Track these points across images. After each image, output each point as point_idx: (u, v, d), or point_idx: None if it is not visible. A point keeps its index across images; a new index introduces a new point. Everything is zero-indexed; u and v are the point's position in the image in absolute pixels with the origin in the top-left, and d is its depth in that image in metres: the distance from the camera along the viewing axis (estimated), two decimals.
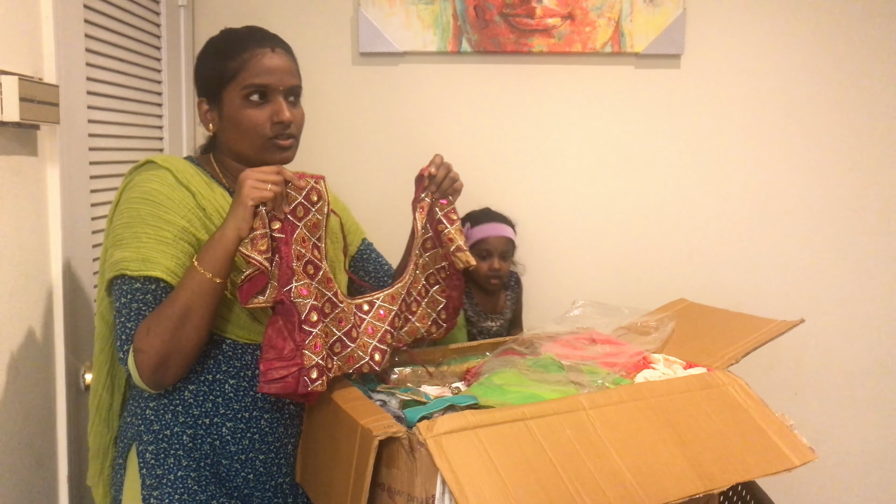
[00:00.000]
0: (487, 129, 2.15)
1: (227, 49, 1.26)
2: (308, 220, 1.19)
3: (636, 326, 1.50)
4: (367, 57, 2.11)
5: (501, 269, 1.96)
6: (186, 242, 1.18)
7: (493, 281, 1.97)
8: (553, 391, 1.20)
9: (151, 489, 1.20)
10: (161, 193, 1.18)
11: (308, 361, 1.14)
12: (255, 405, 1.24)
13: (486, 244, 1.96)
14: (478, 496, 0.92)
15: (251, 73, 1.23)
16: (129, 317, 1.14)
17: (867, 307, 2.21)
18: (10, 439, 1.25)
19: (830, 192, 2.18)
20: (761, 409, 1.21)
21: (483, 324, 1.99)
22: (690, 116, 2.16)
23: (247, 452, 1.23)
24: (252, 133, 1.24)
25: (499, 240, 1.96)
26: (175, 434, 1.21)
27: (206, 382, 1.21)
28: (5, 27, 1.22)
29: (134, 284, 1.14)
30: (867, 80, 2.14)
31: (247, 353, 1.24)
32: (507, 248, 1.99)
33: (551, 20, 2.08)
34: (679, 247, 2.20)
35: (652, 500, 1.00)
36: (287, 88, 1.25)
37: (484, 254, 1.96)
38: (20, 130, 1.26)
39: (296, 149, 1.30)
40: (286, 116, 1.24)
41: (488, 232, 1.97)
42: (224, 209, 1.23)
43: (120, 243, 1.16)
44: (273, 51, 1.25)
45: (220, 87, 1.25)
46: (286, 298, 1.15)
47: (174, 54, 1.97)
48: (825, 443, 2.21)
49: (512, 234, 2.02)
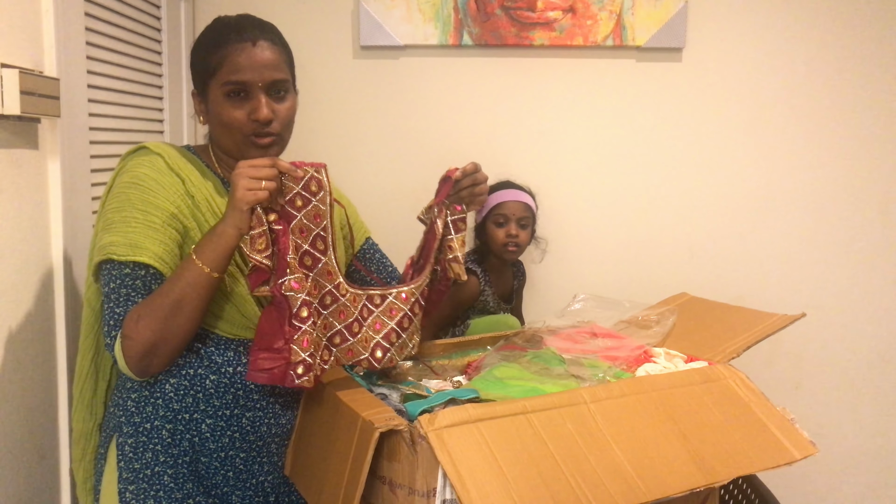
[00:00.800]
0: (489, 122, 2.14)
1: (211, 42, 1.23)
2: (308, 211, 1.17)
3: (637, 320, 1.50)
4: (368, 50, 2.10)
5: (520, 237, 1.86)
6: (174, 229, 1.17)
7: (511, 248, 1.86)
8: (554, 385, 1.20)
9: (128, 483, 1.18)
10: (151, 178, 1.17)
11: (295, 357, 1.14)
12: (236, 403, 1.22)
13: (502, 209, 1.86)
14: (479, 489, 0.92)
15: (229, 69, 1.20)
16: (118, 302, 1.13)
17: (868, 301, 2.21)
18: (11, 431, 1.25)
19: (832, 185, 2.18)
20: (762, 402, 1.21)
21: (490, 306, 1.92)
22: (692, 110, 2.15)
23: (226, 450, 1.22)
24: (232, 130, 1.22)
25: (516, 205, 1.86)
26: (155, 428, 1.19)
27: (188, 377, 1.20)
28: (6, 20, 1.22)
29: (123, 270, 1.13)
30: (869, 74, 2.14)
31: (229, 349, 1.22)
32: (526, 216, 1.88)
33: (552, 13, 2.07)
34: (680, 241, 2.20)
35: (653, 493, 1.00)
36: (268, 83, 1.21)
37: (501, 220, 1.86)
38: (21, 123, 1.26)
39: (281, 144, 1.27)
40: (262, 115, 1.20)
41: (505, 197, 1.87)
42: (214, 198, 1.22)
43: (109, 227, 1.15)
44: (255, 44, 1.21)
45: (205, 81, 1.24)
46: (277, 292, 1.14)
47: (174, 47, 1.96)
48: (826, 436, 2.21)
49: (531, 201, 1.92)
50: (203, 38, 1.26)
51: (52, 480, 1.38)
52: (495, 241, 1.87)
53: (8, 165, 1.23)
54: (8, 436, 1.24)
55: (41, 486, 1.34)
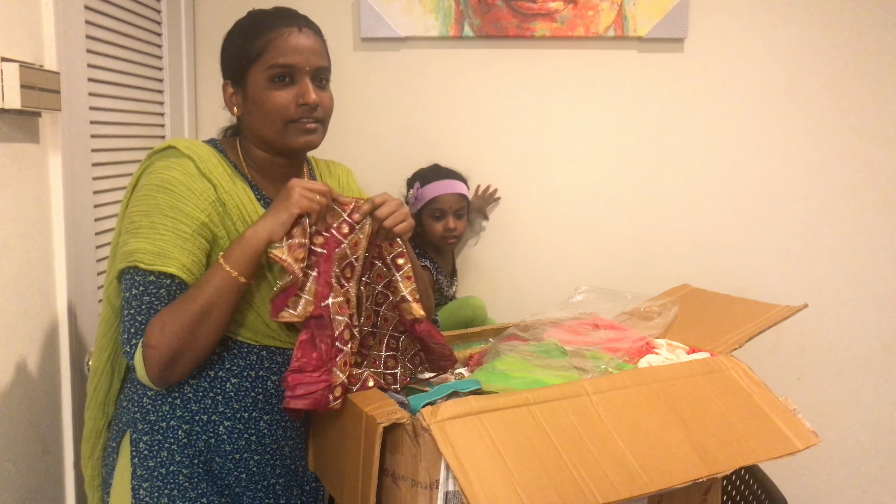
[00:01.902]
0: (489, 114, 2.14)
1: (252, 28, 1.22)
2: (351, 238, 1.18)
3: (639, 312, 1.50)
4: (369, 42, 2.10)
5: (457, 229, 1.89)
6: (203, 238, 1.14)
7: (451, 241, 1.90)
8: (556, 376, 1.20)
9: (142, 480, 1.18)
10: (181, 184, 1.14)
11: (335, 379, 1.13)
12: (255, 406, 1.21)
13: (438, 203, 1.88)
14: (481, 481, 0.93)
15: (276, 52, 1.18)
16: (140, 310, 1.10)
17: (871, 292, 2.21)
18: (16, 426, 1.25)
19: (834, 176, 2.17)
20: (765, 393, 1.21)
21: (448, 291, 1.95)
22: (694, 101, 2.14)
23: (241, 453, 1.21)
24: (275, 115, 1.20)
25: (451, 197, 1.88)
26: (171, 427, 1.18)
27: (208, 379, 1.19)
28: (6, 14, 1.22)
29: (147, 277, 1.11)
30: (871, 66, 2.13)
31: (252, 354, 1.21)
32: (461, 206, 1.91)
33: (553, 4, 2.06)
34: (682, 232, 2.19)
35: (655, 484, 1.01)
36: (314, 69, 1.21)
37: (437, 213, 1.88)
38: (22, 118, 1.26)
39: (322, 134, 1.25)
40: (312, 98, 1.19)
41: (439, 190, 1.88)
42: (244, 205, 1.20)
43: (136, 232, 1.12)
44: (300, 30, 1.21)
45: (245, 67, 1.22)
46: (325, 313, 1.14)
47: (175, 40, 1.96)
48: (828, 427, 2.21)
49: (465, 189, 1.94)
50: (241, 27, 1.24)
51: (57, 475, 1.38)
52: (433, 234, 1.90)
53: (9, 159, 1.23)
54: (11, 430, 1.24)
55: (45, 481, 1.35)
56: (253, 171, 1.26)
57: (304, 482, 1.31)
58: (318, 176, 1.39)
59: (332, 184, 1.39)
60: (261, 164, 1.27)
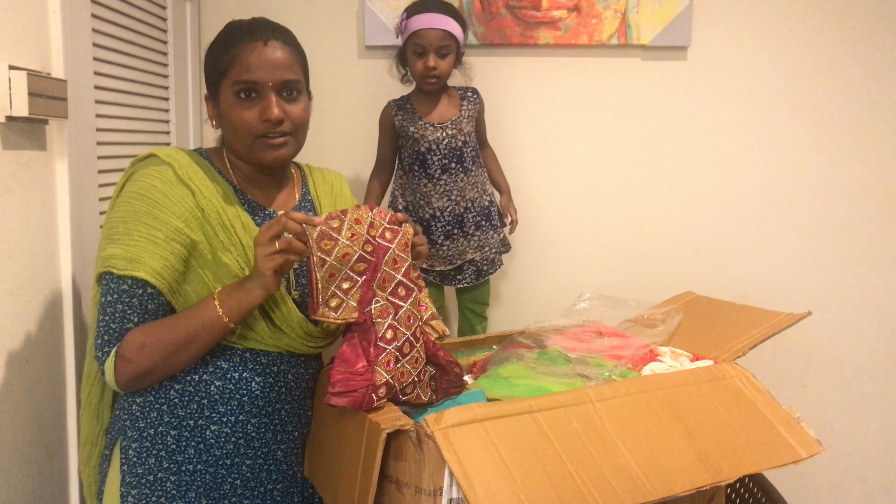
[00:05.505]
0: (493, 121, 2.14)
1: (222, 43, 1.22)
2: (399, 241, 1.19)
3: (643, 319, 1.50)
4: (373, 50, 2.10)
5: (438, 68, 1.74)
6: (179, 243, 1.15)
7: (430, 80, 1.76)
8: (560, 384, 1.20)
9: (130, 487, 1.18)
10: (158, 191, 1.15)
11: (379, 378, 1.13)
12: (241, 409, 1.21)
13: (419, 38, 1.72)
14: (485, 488, 0.93)
15: (240, 68, 1.18)
16: (114, 318, 1.13)
17: (874, 299, 2.20)
18: (21, 431, 1.26)
19: (837, 184, 2.17)
20: (768, 401, 1.21)
21: (429, 136, 1.80)
22: (697, 108, 2.15)
23: (231, 457, 1.21)
24: (242, 131, 1.20)
25: (434, 33, 1.71)
26: (159, 433, 1.19)
27: (192, 383, 1.19)
28: (14, 23, 1.23)
29: (121, 285, 1.12)
30: (874, 71, 2.13)
31: (235, 356, 1.21)
32: (446, 44, 1.74)
33: (557, 12, 2.07)
34: (686, 239, 2.19)
35: (659, 492, 1.00)
36: (280, 83, 1.20)
37: (419, 50, 1.73)
38: (29, 125, 1.27)
39: (294, 146, 1.25)
40: (274, 114, 1.18)
41: (421, 24, 1.70)
42: (226, 210, 1.20)
43: (113, 238, 1.14)
44: (266, 44, 1.19)
45: (216, 83, 1.23)
46: (368, 318, 1.15)
47: (180, 48, 1.97)
48: (832, 435, 2.20)
49: (455, 27, 1.75)
50: (215, 41, 1.25)
51: (62, 480, 1.39)
52: (414, 71, 1.78)
53: (16, 166, 1.24)
54: (17, 435, 1.25)
55: (50, 486, 1.35)
56: (239, 178, 1.28)
57: (304, 488, 1.31)
58: (310, 183, 1.39)
59: (325, 191, 1.40)
60: (245, 173, 1.28)
